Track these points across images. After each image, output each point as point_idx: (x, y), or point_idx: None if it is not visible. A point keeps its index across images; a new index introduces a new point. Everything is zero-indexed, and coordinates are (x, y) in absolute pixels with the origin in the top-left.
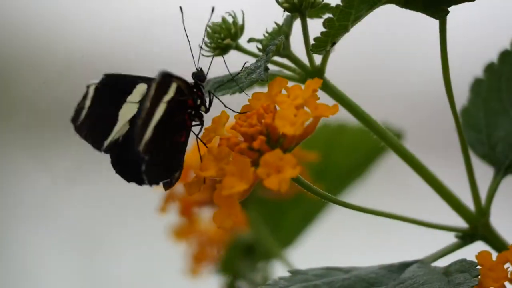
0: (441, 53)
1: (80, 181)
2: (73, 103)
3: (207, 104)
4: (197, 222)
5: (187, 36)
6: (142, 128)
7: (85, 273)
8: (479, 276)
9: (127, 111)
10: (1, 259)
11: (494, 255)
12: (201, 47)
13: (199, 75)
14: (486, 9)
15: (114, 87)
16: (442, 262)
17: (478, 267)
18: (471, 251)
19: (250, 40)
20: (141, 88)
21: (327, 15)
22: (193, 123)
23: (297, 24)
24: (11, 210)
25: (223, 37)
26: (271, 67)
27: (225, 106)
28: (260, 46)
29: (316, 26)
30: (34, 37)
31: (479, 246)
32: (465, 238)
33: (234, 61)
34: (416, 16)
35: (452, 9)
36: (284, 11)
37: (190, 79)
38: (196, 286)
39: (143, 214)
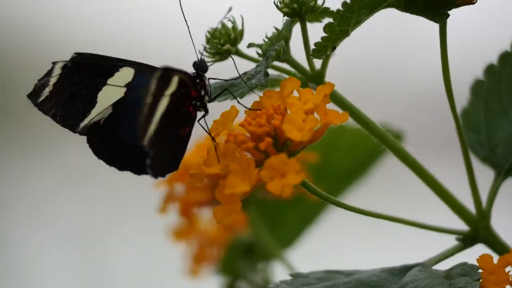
0: (441, 56)
1: (80, 181)
2: None
3: (210, 93)
4: (196, 223)
5: (188, 27)
6: (146, 122)
7: (85, 273)
8: (481, 280)
9: (109, 94)
10: (1, 259)
11: (495, 257)
12: (201, 53)
13: (200, 65)
14: (486, 10)
15: (90, 68)
16: (443, 265)
17: (480, 270)
18: (472, 254)
19: (250, 45)
20: (127, 72)
21: (327, 20)
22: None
23: (296, 28)
24: (11, 210)
25: (223, 42)
26: (271, 72)
27: (238, 102)
28: (260, 51)
29: (316, 30)
30: (34, 37)
31: (480, 248)
32: (466, 240)
33: (233, 66)
34: (416, 18)
35: (452, 10)
36: (283, 16)
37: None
38: (196, 286)
39: (143, 214)
